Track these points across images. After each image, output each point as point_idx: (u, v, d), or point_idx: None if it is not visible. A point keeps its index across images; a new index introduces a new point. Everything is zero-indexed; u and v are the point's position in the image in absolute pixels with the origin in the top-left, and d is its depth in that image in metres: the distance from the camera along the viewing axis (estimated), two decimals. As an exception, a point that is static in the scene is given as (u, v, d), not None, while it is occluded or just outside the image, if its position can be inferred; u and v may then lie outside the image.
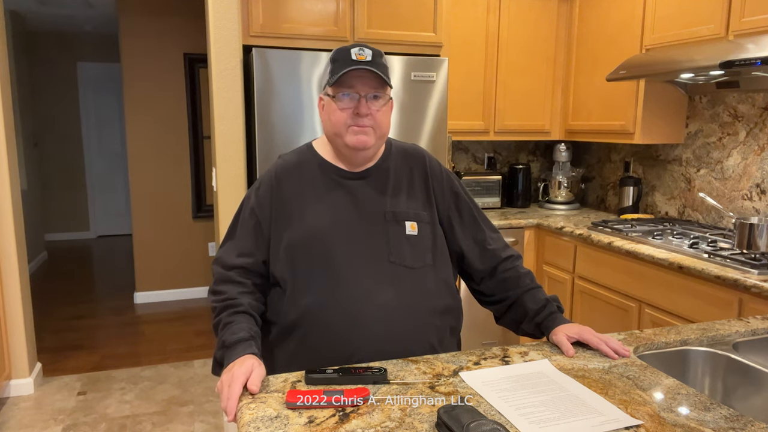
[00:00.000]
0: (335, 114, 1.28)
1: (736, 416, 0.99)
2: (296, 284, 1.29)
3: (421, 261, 1.33)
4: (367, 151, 1.32)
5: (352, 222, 1.31)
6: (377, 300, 1.26)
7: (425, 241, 1.35)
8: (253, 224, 1.34)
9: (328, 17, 2.69)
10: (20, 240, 3.04)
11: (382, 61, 1.28)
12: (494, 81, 3.29)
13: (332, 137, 1.33)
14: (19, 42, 5.55)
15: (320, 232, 1.29)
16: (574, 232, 2.80)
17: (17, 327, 3.03)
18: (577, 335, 1.27)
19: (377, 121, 1.29)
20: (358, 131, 1.27)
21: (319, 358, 1.24)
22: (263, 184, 1.38)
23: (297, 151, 1.43)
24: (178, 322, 4.21)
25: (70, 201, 6.93)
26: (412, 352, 1.27)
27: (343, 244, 1.29)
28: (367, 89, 1.27)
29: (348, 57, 1.25)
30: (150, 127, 4.49)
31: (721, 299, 2.02)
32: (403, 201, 1.36)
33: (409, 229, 1.33)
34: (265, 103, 2.52)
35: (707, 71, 2.22)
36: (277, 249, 1.32)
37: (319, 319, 1.26)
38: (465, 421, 0.88)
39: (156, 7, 4.36)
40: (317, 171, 1.36)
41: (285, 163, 1.39)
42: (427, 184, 1.41)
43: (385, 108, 1.30)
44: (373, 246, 1.30)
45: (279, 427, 0.94)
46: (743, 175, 2.60)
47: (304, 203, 1.33)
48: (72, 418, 2.79)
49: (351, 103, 1.27)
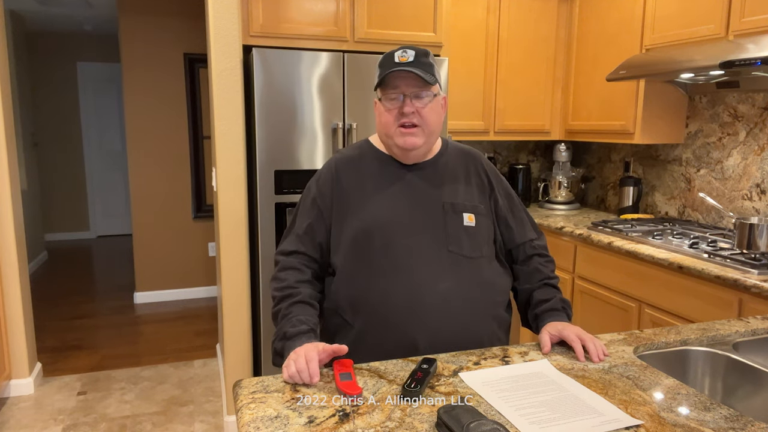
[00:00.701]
0: (383, 115, 1.34)
1: (736, 416, 0.99)
2: (357, 273, 1.32)
3: (478, 251, 1.36)
4: (417, 151, 1.35)
5: (411, 212, 1.35)
6: (437, 288, 1.29)
7: (482, 233, 1.38)
8: (316, 214, 1.38)
9: (328, 17, 2.69)
10: (20, 240, 3.04)
11: (427, 60, 1.31)
12: (494, 81, 3.29)
13: (384, 138, 1.37)
14: (19, 42, 5.55)
15: (380, 222, 1.33)
16: (574, 232, 2.80)
17: (17, 327, 3.03)
18: (558, 333, 1.28)
19: (424, 119, 1.31)
20: (405, 133, 1.31)
21: (379, 346, 1.28)
22: (323, 175, 1.42)
23: (354, 146, 1.48)
24: (178, 322, 4.21)
25: (70, 201, 6.93)
26: (471, 340, 1.30)
27: (403, 233, 1.32)
28: (411, 88, 1.30)
29: (391, 60, 1.30)
30: (150, 127, 4.49)
31: (721, 299, 2.02)
32: (461, 193, 1.40)
33: (466, 220, 1.36)
34: (265, 103, 2.52)
35: (707, 71, 2.22)
36: (338, 238, 1.36)
37: (380, 307, 1.29)
38: (465, 421, 0.88)
39: (156, 7, 4.36)
40: (375, 163, 1.40)
41: (343, 157, 1.44)
42: (484, 181, 1.44)
43: (432, 105, 1.33)
44: (432, 235, 1.33)
45: (279, 427, 0.94)
46: (743, 175, 2.60)
47: (364, 194, 1.36)
48: (72, 418, 2.79)
49: (396, 103, 1.31)
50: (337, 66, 2.60)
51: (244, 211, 2.59)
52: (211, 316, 4.35)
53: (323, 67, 2.58)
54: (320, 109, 2.61)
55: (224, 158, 2.53)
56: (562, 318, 1.35)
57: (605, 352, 1.24)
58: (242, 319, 2.63)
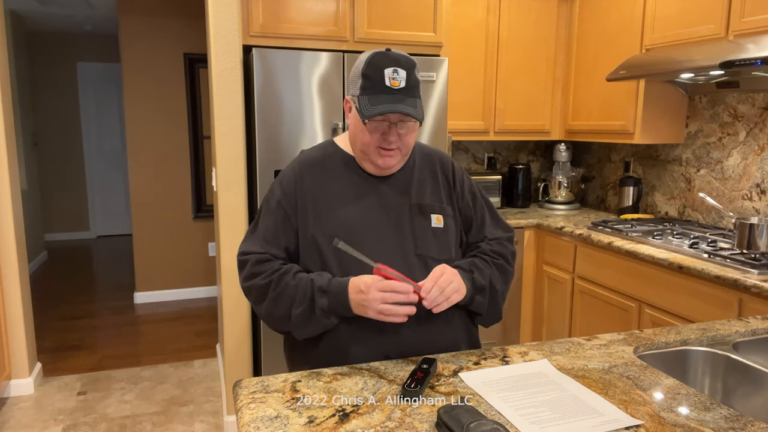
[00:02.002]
0: (365, 136, 1.28)
1: (736, 416, 0.99)
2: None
3: (447, 253, 1.35)
4: (392, 169, 1.34)
5: (377, 216, 1.33)
6: None
7: (450, 235, 1.37)
8: (282, 216, 1.34)
9: (328, 17, 2.69)
10: (20, 240, 3.04)
11: (416, 77, 1.27)
12: (494, 81, 3.29)
13: (358, 152, 1.34)
14: (19, 42, 5.55)
15: (347, 226, 1.30)
16: (574, 232, 2.80)
17: (17, 327, 3.03)
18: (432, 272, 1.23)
19: (404, 143, 1.30)
20: (385, 154, 1.29)
21: (347, 353, 1.27)
22: (286, 177, 1.37)
23: (319, 147, 1.43)
24: (178, 322, 4.21)
25: (70, 201, 6.93)
26: (442, 345, 1.29)
27: (369, 237, 1.30)
28: (398, 118, 1.26)
29: (381, 82, 1.23)
30: (150, 127, 4.49)
31: (721, 299, 2.02)
32: (428, 195, 1.38)
33: (434, 222, 1.35)
34: (265, 103, 2.52)
35: (707, 71, 2.22)
36: (304, 242, 1.33)
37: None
38: (465, 421, 0.88)
39: (156, 7, 4.36)
40: (341, 166, 1.37)
41: (307, 158, 1.39)
42: (449, 183, 1.43)
43: (412, 129, 1.30)
44: (399, 239, 1.32)
45: (279, 427, 0.94)
46: (743, 175, 2.60)
47: (329, 198, 1.34)
48: (72, 418, 2.79)
49: (382, 127, 1.27)
50: (337, 66, 2.60)
51: (244, 211, 2.59)
52: (211, 316, 4.35)
53: (323, 67, 2.58)
54: (320, 109, 2.61)
55: (224, 158, 2.53)
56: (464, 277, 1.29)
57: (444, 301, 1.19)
58: (242, 319, 2.63)
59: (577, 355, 1.24)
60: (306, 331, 1.26)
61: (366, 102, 1.24)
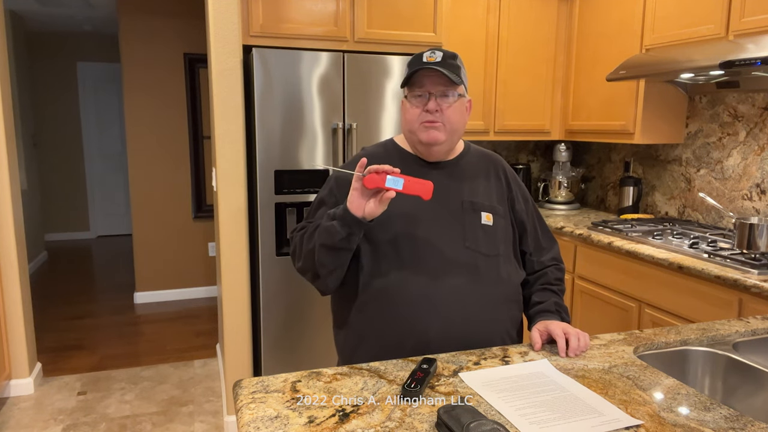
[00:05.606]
0: (408, 112, 1.36)
1: (736, 416, 0.99)
2: (374, 263, 1.34)
3: (495, 249, 1.38)
4: (440, 147, 1.38)
5: (430, 207, 1.37)
6: (450, 281, 1.31)
7: (499, 233, 1.40)
8: (333, 202, 1.40)
9: (328, 17, 2.69)
10: (20, 240, 3.04)
11: (455, 62, 1.34)
12: (494, 81, 3.29)
13: (408, 134, 1.40)
14: (19, 42, 5.55)
15: (401, 213, 1.35)
16: (574, 232, 2.80)
17: (17, 327, 3.03)
18: (545, 328, 1.30)
19: (447, 117, 1.34)
20: (429, 126, 1.34)
21: (390, 335, 1.31)
22: (345, 167, 1.44)
23: (379, 144, 1.51)
24: (178, 322, 4.21)
25: (70, 201, 6.93)
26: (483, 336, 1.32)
27: (421, 227, 1.35)
28: (437, 87, 1.32)
29: (420, 59, 1.33)
30: (150, 127, 4.49)
31: (721, 299, 2.02)
32: (481, 193, 1.42)
33: (484, 219, 1.39)
34: (265, 103, 2.52)
35: (707, 71, 2.21)
36: None
37: (395, 295, 1.31)
38: (465, 421, 0.88)
39: (156, 7, 4.36)
40: (398, 160, 1.42)
41: (368, 152, 1.47)
42: (503, 184, 1.47)
43: (456, 105, 1.35)
44: (451, 229, 1.36)
45: (279, 427, 0.94)
46: (743, 175, 2.60)
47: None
48: (72, 418, 2.79)
49: (422, 101, 1.34)
50: (337, 66, 2.60)
51: (244, 211, 2.59)
52: (211, 316, 4.35)
53: (323, 67, 2.58)
54: (320, 109, 2.61)
55: (224, 158, 2.53)
56: (555, 319, 1.36)
57: (586, 347, 1.26)
58: (242, 319, 2.63)
59: (577, 354, 1.24)
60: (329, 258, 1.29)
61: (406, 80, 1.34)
